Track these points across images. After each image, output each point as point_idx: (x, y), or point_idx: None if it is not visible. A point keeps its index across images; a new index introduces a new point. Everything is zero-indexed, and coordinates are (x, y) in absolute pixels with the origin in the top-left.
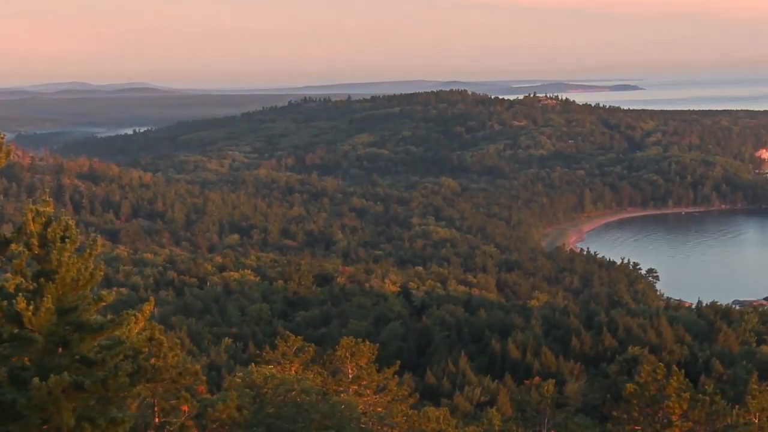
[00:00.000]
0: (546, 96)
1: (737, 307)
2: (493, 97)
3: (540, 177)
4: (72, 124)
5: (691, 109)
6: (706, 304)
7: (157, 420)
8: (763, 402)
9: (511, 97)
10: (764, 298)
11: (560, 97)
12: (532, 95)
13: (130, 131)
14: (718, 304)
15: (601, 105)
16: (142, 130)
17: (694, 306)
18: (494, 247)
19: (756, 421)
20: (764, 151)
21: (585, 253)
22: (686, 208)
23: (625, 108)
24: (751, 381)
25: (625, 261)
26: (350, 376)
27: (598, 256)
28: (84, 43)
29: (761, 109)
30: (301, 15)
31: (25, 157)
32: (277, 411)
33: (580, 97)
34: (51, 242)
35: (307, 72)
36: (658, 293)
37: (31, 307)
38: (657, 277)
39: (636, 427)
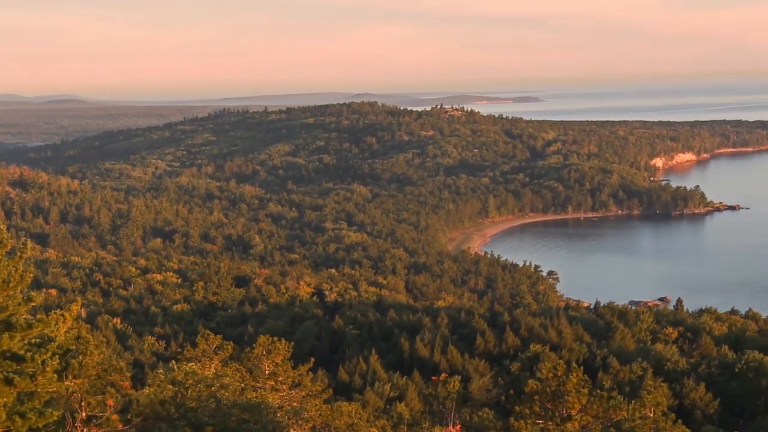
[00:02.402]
0: (452, 107)
1: (633, 308)
2: (402, 108)
3: (447, 184)
4: (3, 135)
5: (589, 119)
6: (604, 305)
7: (84, 414)
8: (658, 397)
9: (419, 109)
10: (658, 299)
11: (465, 109)
12: (439, 107)
13: (58, 141)
14: (615, 304)
15: (504, 116)
16: (70, 140)
17: (592, 306)
18: (403, 251)
19: (651, 415)
20: (658, 159)
21: (489, 256)
22: (585, 213)
23: (527, 119)
24: (646, 377)
25: (527, 263)
26: (267, 372)
27: (502, 258)
28: (14, 58)
29: (655, 120)
30: (221, 33)
31: None
32: (197, 405)
33: (484, 109)
34: None
35: (226, 85)
36: (558, 294)
37: None
38: (557, 279)
39: (537, 421)
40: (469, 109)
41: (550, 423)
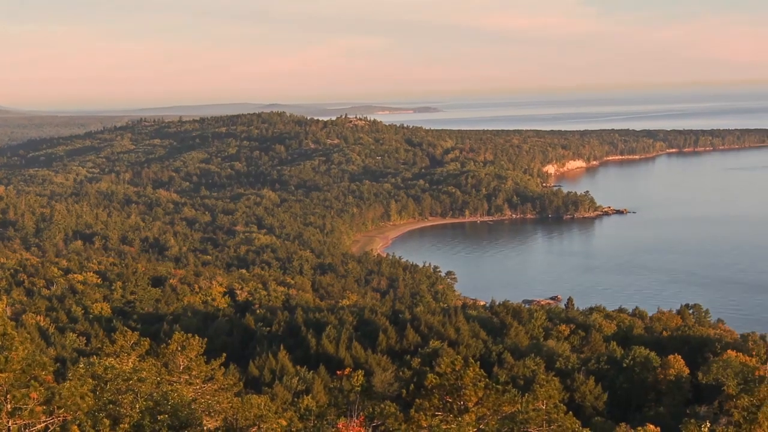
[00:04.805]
0: (356, 117)
1: (526, 306)
2: (309, 117)
3: (351, 190)
4: None
5: (486, 129)
6: (499, 303)
7: (9, 406)
8: (550, 390)
9: (325, 118)
10: (550, 298)
11: (369, 118)
12: (343, 116)
13: None
14: (510, 303)
15: (405, 125)
16: None
17: (488, 305)
18: (310, 252)
19: (543, 407)
20: (550, 166)
21: (391, 257)
22: (481, 217)
23: (427, 128)
24: (539, 372)
25: (427, 264)
26: (181, 367)
27: (403, 260)
28: None
29: (547, 129)
30: (139, 46)
31: None
32: (116, 398)
33: (386, 118)
34: None
35: (143, 95)
36: (456, 293)
37: None
38: (455, 279)
39: (436, 413)
40: (372, 119)
41: (449, 415)
